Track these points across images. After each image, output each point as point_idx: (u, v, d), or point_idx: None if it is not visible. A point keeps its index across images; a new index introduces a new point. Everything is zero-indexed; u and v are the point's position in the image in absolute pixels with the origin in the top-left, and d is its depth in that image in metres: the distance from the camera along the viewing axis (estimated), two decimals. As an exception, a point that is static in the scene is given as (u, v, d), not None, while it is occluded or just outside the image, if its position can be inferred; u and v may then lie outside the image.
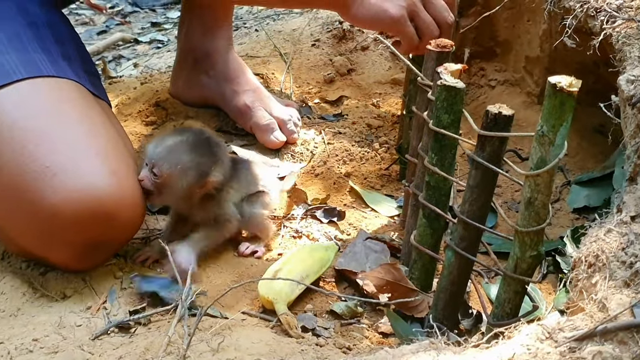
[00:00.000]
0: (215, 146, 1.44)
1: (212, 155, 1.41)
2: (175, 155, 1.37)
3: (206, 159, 1.39)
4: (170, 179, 1.37)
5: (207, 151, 1.41)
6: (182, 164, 1.37)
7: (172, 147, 1.39)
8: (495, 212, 1.45)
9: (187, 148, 1.39)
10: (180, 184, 1.37)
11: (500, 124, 1.10)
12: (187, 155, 1.38)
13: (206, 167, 1.39)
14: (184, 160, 1.37)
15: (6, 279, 1.37)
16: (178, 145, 1.39)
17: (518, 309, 1.13)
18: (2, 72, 1.34)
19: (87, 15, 3.64)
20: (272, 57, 2.29)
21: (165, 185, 1.37)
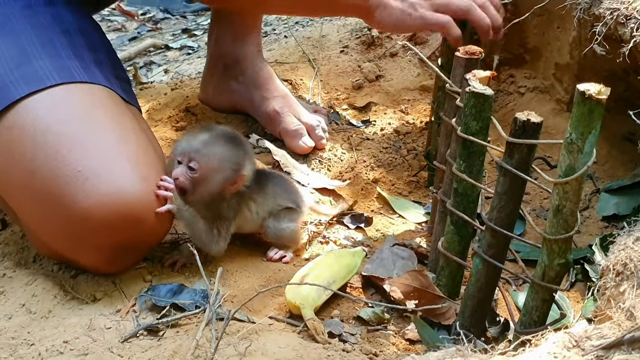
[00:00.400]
0: (243, 140, 1.47)
1: (243, 148, 1.43)
2: (213, 147, 1.39)
3: (238, 151, 1.41)
4: (208, 171, 1.37)
5: (238, 144, 1.42)
6: (219, 156, 1.38)
7: (207, 140, 1.39)
8: (524, 219, 1.45)
9: (221, 141, 1.40)
10: (217, 177, 1.38)
11: (528, 131, 1.09)
12: (223, 147, 1.39)
13: (240, 160, 1.40)
14: (221, 152, 1.39)
15: (38, 282, 1.39)
16: (213, 139, 1.40)
17: (545, 316, 1.12)
18: (36, 77, 1.36)
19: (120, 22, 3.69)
20: (301, 63, 2.30)
21: (202, 180, 1.37)
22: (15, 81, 1.36)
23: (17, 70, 1.37)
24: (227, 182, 1.40)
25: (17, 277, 1.42)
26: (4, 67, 1.37)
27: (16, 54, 1.39)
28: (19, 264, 1.47)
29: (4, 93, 1.35)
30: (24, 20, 1.44)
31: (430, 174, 1.77)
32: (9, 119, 1.34)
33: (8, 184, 1.38)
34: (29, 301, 1.35)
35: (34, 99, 1.35)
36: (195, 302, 1.32)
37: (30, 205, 1.36)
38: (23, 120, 1.33)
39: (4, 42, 1.41)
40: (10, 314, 1.32)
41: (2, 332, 1.27)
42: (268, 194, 1.49)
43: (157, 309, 1.31)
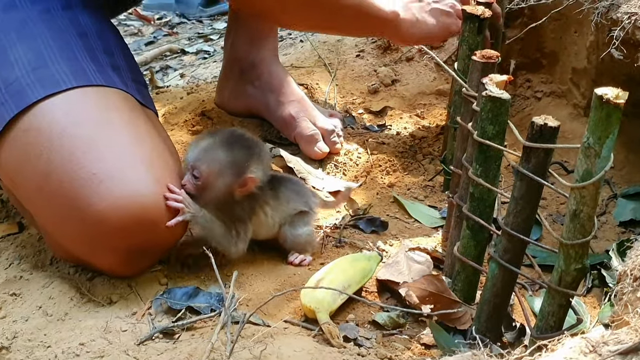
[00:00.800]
0: (251, 142, 1.44)
1: (248, 150, 1.41)
2: (211, 154, 1.38)
3: (242, 154, 1.39)
4: (210, 178, 1.38)
5: (242, 147, 1.41)
6: (218, 162, 1.38)
7: (206, 147, 1.39)
8: (540, 224, 1.44)
9: (221, 146, 1.39)
10: (220, 182, 1.38)
11: (545, 136, 1.09)
12: (223, 153, 1.38)
13: (243, 163, 1.39)
14: (219, 157, 1.38)
15: (54, 284, 1.40)
16: (212, 145, 1.40)
17: (562, 322, 1.12)
18: (53, 81, 1.37)
19: (136, 27, 3.70)
20: (317, 68, 2.30)
21: (207, 187, 1.38)
22: (31, 84, 1.37)
23: (34, 73, 1.38)
24: (234, 186, 1.39)
25: (34, 279, 1.43)
26: (21, 70, 1.38)
27: (33, 57, 1.40)
28: (36, 266, 1.48)
29: (21, 96, 1.36)
30: (42, 24, 1.45)
31: (446, 179, 1.76)
32: (25, 122, 1.35)
33: (24, 187, 1.39)
34: (45, 303, 1.36)
35: (50, 102, 1.35)
36: (211, 305, 1.32)
37: (45, 207, 1.36)
38: (39, 122, 1.34)
39: (22, 45, 1.42)
40: (27, 316, 1.33)
41: (18, 334, 1.27)
42: (281, 197, 1.49)
43: (173, 312, 1.31)
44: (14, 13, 1.46)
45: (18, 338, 1.26)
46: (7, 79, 1.38)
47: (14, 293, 1.39)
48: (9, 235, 1.59)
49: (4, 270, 1.47)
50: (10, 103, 1.36)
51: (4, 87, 1.38)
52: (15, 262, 1.49)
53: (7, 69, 1.39)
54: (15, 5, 1.46)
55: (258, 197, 1.44)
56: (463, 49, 1.62)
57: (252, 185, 1.40)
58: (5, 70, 1.39)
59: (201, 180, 1.37)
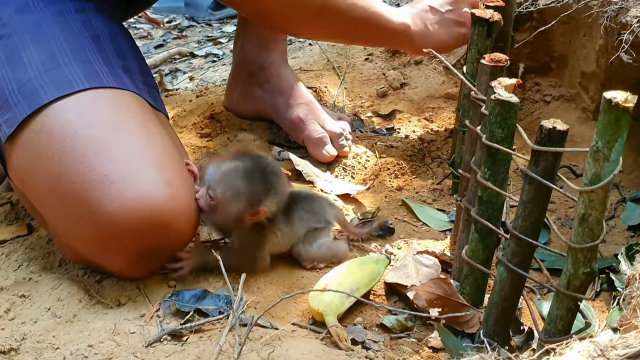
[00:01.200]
0: (272, 175, 1.42)
1: (266, 184, 1.40)
2: (229, 181, 1.39)
3: (259, 187, 1.39)
4: (224, 203, 1.38)
5: (262, 180, 1.40)
6: (234, 190, 1.38)
7: (227, 172, 1.40)
8: (549, 228, 1.44)
9: (241, 175, 1.39)
10: (232, 208, 1.39)
11: (554, 139, 1.09)
12: (241, 182, 1.38)
13: (258, 196, 1.39)
14: (236, 186, 1.38)
15: (63, 286, 1.41)
16: (233, 171, 1.40)
17: (570, 326, 1.12)
18: (65, 82, 1.38)
19: (145, 30, 3.72)
20: (326, 71, 2.30)
21: (219, 209, 1.39)
22: (44, 85, 1.37)
23: (47, 75, 1.39)
24: (245, 214, 1.39)
25: (43, 281, 1.43)
26: (34, 72, 1.39)
27: (46, 59, 1.41)
28: (45, 268, 1.49)
29: (33, 97, 1.37)
30: (55, 27, 1.46)
31: (455, 182, 1.76)
32: (37, 123, 1.36)
33: (35, 187, 1.39)
34: (54, 305, 1.36)
35: (62, 103, 1.36)
36: (219, 307, 1.32)
37: (56, 208, 1.37)
38: (51, 124, 1.35)
39: (35, 47, 1.42)
40: (35, 317, 1.34)
41: (27, 335, 1.28)
42: (295, 220, 1.48)
43: (181, 314, 1.32)
44: (27, 15, 1.47)
45: (27, 340, 1.27)
46: (20, 80, 1.39)
47: (23, 295, 1.40)
48: (18, 237, 1.60)
49: (13, 272, 1.48)
50: (23, 104, 1.37)
51: (17, 88, 1.39)
52: (25, 264, 1.50)
53: (21, 70, 1.40)
54: (29, 7, 1.48)
55: (270, 224, 1.44)
56: (472, 52, 1.62)
57: (263, 216, 1.40)
58: (18, 72, 1.40)
59: (215, 202, 1.38)
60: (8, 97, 1.39)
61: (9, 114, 1.38)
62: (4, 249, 1.56)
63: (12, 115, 1.37)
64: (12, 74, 1.40)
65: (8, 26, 1.45)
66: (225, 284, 1.28)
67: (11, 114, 1.38)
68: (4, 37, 1.45)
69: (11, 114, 1.38)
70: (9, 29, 1.45)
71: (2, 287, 1.43)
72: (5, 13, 1.47)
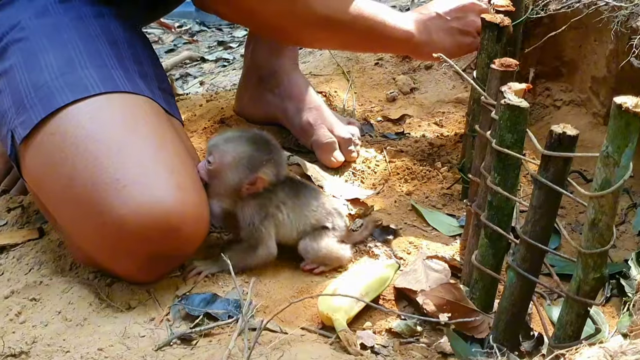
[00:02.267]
0: (273, 147, 1.46)
1: (267, 153, 1.43)
2: (230, 145, 1.42)
3: (259, 154, 1.42)
4: (222, 167, 1.40)
5: (262, 148, 1.43)
6: (235, 154, 1.40)
7: (229, 138, 1.43)
8: (559, 233, 1.44)
9: (242, 141, 1.42)
10: (231, 174, 1.40)
11: (564, 144, 1.09)
12: (241, 147, 1.41)
13: (257, 162, 1.41)
14: (237, 150, 1.41)
15: (74, 289, 1.41)
16: (235, 138, 1.43)
17: (580, 331, 1.11)
18: (81, 86, 1.39)
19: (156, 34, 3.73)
20: (335, 76, 2.31)
21: (217, 174, 1.40)
22: (60, 88, 1.38)
23: (63, 78, 1.40)
24: (243, 181, 1.40)
25: (54, 284, 1.44)
26: (50, 75, 1.40)
27: (63, 62, 1.42)
28: (56, 271, 1.49)
29: (49, 100, 1.38)
30: (73, 31, 1.47)
31: (465, 187, 1.76)
32: (52, 126, 1.37)
33: (48, 189, 1.40)
34: (65, 308, 1.37)
35: (77, 107, 1.37)
36: (228, 312, 1.33)
37: (68, 211, 1.38)
38: (65, 127, 1.36)
39: (53, 51, 1.44)
40: (46, 321, 1.34)
41: (38, 339, 1.28)
42: (301, 200, 1.49)
43: (191, 318, 1.32)
44: (46, 19, 1.48)
45: (37, 343, 1.27)
46: (37, 83, 1.41)
47: (33, 298, 1.40)
48: (29, 241, 1.60)
49: (24, 275, 1.49)
50: (39, 106, 1.38)
51: (33, 91, 1.40)
52: (35, 267, 1.51)
53: (37, 73, 1.42)
54: (48, 12, 1.49)
55: (272, 198, 1.45)
56: (482, 57, 1.62)
57: (261, 185, 1.41)
58: (35, 75, 1.42)
59: (213, 166, 1.40)
60: (24, 99, 1.40)
61: (25, 116, 1.39)
62: (15, 253, 1.56)
63: (28, 118, 1.38)
64: (29, 77, 1.42)
65: (26, 29, 1.47)
66: (234, 288, 1.28)
67: (27, 116, 1.39)
68: (22, 40, 1.46)
69: (27, 116, 1.39)
70: (27, 32, 1.47)
71: (13, 291, 1.43)
72: (25, 17, 1.48)
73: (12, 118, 1.42)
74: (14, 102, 1.42)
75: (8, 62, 1.46)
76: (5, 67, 1.46)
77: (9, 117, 1.42)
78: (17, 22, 1.48)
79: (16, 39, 1.47)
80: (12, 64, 1.45)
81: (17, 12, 1.49)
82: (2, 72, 1.46)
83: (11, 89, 1.43)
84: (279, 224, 1.47)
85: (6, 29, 1.48)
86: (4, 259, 1.56)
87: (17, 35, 1.47)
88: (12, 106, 1.42)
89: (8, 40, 1.47)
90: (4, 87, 1.45)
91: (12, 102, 1.42)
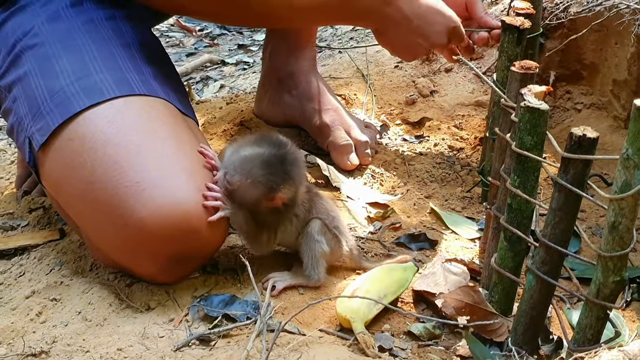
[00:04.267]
0: (291, 164, 1.40)
1: (285, 173, 1.39)
2: (248, 167, 1.37)
3: (278, 176, 1.38)
4: (241, 188, 1.38)
5: (280, 168, 1.38)
6: (252, 178, 1.37)
7: (246, 159, 1.38)
8: (579, 236, 1.43)
9: (260, 162, 1.37)
10: (250, 194, 1.38)
11: (584, 147, 1.08)
12: (259, 170, 1.37)
13: (276, 184, 1.37)
14: (255, 174, 1.37)
15: (94, 290, 1.42)
16: (252, 158, 1.38)
17: (600, 335, 1.10)
18: (96, 90, 1.40)
19: (177, 38, 3.75)
20: (355, 78, 2.31)
21: (236, 193, 1.38)
22: (76, 94, 1.39)
23: (78, 83, 1.40)
24: (262, 199, 1.38)
25: (74, 285, 1.45)
26: (66, 80, 1.41)
27: (78, 67, 1.43)
28: (76, 272, 1.50)
29: (65, 105, 1.38)
30: (86, 35, 1.48)
31: (485, 190, 1.75)
32: (70, 131, 1.38)
33: (68, 194, 1.41)
34: (85, 309, 1.38)
35: (94, 111, 1.38)
36: (247, 313, 1.33)
37: (88, 214, 1.39)
38: (83, 131, 1.37)
39: (67, 56, 1.44)
40: (66, 321, 1.35)
41: (58, 338, 1.29)
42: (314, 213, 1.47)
43: (209, 319, 1.33)
44: (59, 24, 1.49)
45: (57, 342, 1.28)
46: (53, 88, 1.41)
47: (54, 298, 1.42)
48: (50, 242, 1.62)
49: (45, 275, 1.50)
50: (55, 112, 1.39)
51: (49, 97, 1.41)
52: (56, 267, 1.52)
53: (53, 79, 1.42)
54: (60, 16, 1.50)
55: (288, 211, 1.44)
56: (502, 59, 1.62)
57: (280, 202, 1.40)
58: (50, 80, 1.42)
59: (233, 186, 1.38)
60: (40, 105, 1.41)
61: (42, 123, 1.40)
62: (37, 253, 1.58)
63: (45, 124, 1.39)
64: (45, 83, 1.43)
65: (40, 35, 1.48)
66: (253, 289, 1.28)
67: (44, 122, 1.40)
68: (36, 46, 1.47)
69: (44, 122, 1.40)
70: (41, 38, 1.47)
71: (34, 291, 1.44)
72: (37, 23, 1.49)
73: (28, 125, 1.42)
74: (30, 109, 1.43)
75: (23, 69, 1.46)
76: (20, 74, 1.47)
77: (25, 124, 1.43)
78: (30, 28, 1.49)
79: (30, 45, 1.47)
80: (27, 70, 1.46)
81: (29, 18, 1.50)
82: (17, 79, 1.47)
83: (27, 96, 1.44)
84: (285, 231, 1.46)
85: (19, 36, 1.49)
86: (26, 259, 1.57)
87: (30, 41, 1.48)
88: (29, 113, 1.43)
89: (22, 46, 1.48)
90: (20, 94, 1.46)
91: (28, 109, 1.43)
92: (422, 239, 1.63)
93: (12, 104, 1.47)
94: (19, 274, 1.52)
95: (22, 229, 1.69)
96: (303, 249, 1.45)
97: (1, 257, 1.59)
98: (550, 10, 2.00)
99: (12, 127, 1.48)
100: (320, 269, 1.44)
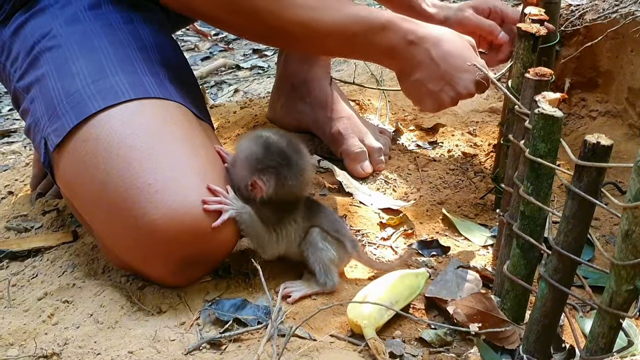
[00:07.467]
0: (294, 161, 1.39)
1: (272, 158, 1.38)
2: (246, 143, 1.41)
3: (262, 158, 1.37)
4: (235, 161, 1.42)
5: (272, 154, 1.38)
6: (243, 152, 1.41)
7: (253, 136, 1.42)
8: (592, 245, 1.42)
9: (259, 142, 1.39)
10: (238, 170, 1.41)
11: (598, 154, 1.07)
12: (251, 148, 1.39)
13: (256, 166, 1.37)
14: (246, 149, 1.40)
15: (106, 292, 1.43)
16: (256, 138, 1.41)
17: (612, 344, 1.09)
18: (112, 92, 1.41)
19: (193, 42, 3.76)
20: (369, 84, 2.30)
21: (232, 167, 1.43)
22: (91, 95, 1.40)
23: (94, 85, 1.41)
24: (246, 181, 1.38)
25: (86, 287, 1.46)
26: (82, 82, 1.42)
27: (94, 69, 1.44)
28: (89, 274, 1.51)
29: (81, 107, 1.39)
30: (104, 38, 1.49)
31: (498, 197, 1.75)
32: (84, 132, 1.38)
33: (81, 195, 1.42)
34: (96, 311, 1.38)
35: (108, 113, 1.39)
36: (258, 317, 1.33)
37: (102, 216, 1.39)
38: (98, 133, 1.37)
39: (84, 58, 1.46)
40: (78, 323, 1.36)
41: (69, 340, 1.30)
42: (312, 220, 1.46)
43: (221, 323, 1.33)
44: (77, 26, 1.50)
45: (69, 344, 1.29)
46: (69, 90, 1.42)
47: (66, 300, 1.42)
48: (63, 244, 1.63)
49: (58, 277, 1.51)
50: (71, 114, 1.40)
51: (65, 98, 1.42)
52: (69, 270, 1.53)
53: (69, 81, 1.43)
54: (78, 19, 1.51)
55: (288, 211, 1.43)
56: (517, 66, 1.61)
57: (258, 191, 1.38)
58: (67, 82, 1.43)
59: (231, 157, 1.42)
60: (56, 106, 1.42)
61: (57, 124, 1.41)
62: (50, 255, 1.59)
63: (60, 125, 1.40)
64: (61, 84, 1.44)
65: (58, 37, 1.49)
66: (264, 293, 1.28)
67: (59, 123, 1.41)
68: (54, 48, 1.48)
69: (59, 123, 1.41)
70: (59, 40, 1.49)
71: (46, 293, 1.45)
72: (56, 24, 1.50)
73: (45, 125, 1.44)
74: (47, 110, 1.44)
75: (40, 71, 1.48)
76: (37, 75, 1.48)
77: (42, 124, 1.45)
78: (48, 30, 1.50)
79: (48, 47, 1.49)
80: (45, 72, 1.47)
81: (48, 20, 1.52)
82: (35, 80, 1.48)
83: (44, 97, 1.45)
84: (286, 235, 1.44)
85: (38, 38, 1.50)
86: (39, 261, 1.58)
87: (48, 43, 1.49)
88: (45, 114, 1.44)
89: (40, 48, 1.49)
90: (37, 94, 1.47)
91: (45, 110, 1.44)
92: (435, 245, 1.63)
93: (30, 104, 1.49)
94: (32, 276, 1.53)
95: (35, 230, 1.70)
96: (311, 260, 1.44)
97: (15, 258, 1.60)
98: (566, 17, 1.99)
99: (30, 127, 1.50)
100: (332, 274, 1.43)
